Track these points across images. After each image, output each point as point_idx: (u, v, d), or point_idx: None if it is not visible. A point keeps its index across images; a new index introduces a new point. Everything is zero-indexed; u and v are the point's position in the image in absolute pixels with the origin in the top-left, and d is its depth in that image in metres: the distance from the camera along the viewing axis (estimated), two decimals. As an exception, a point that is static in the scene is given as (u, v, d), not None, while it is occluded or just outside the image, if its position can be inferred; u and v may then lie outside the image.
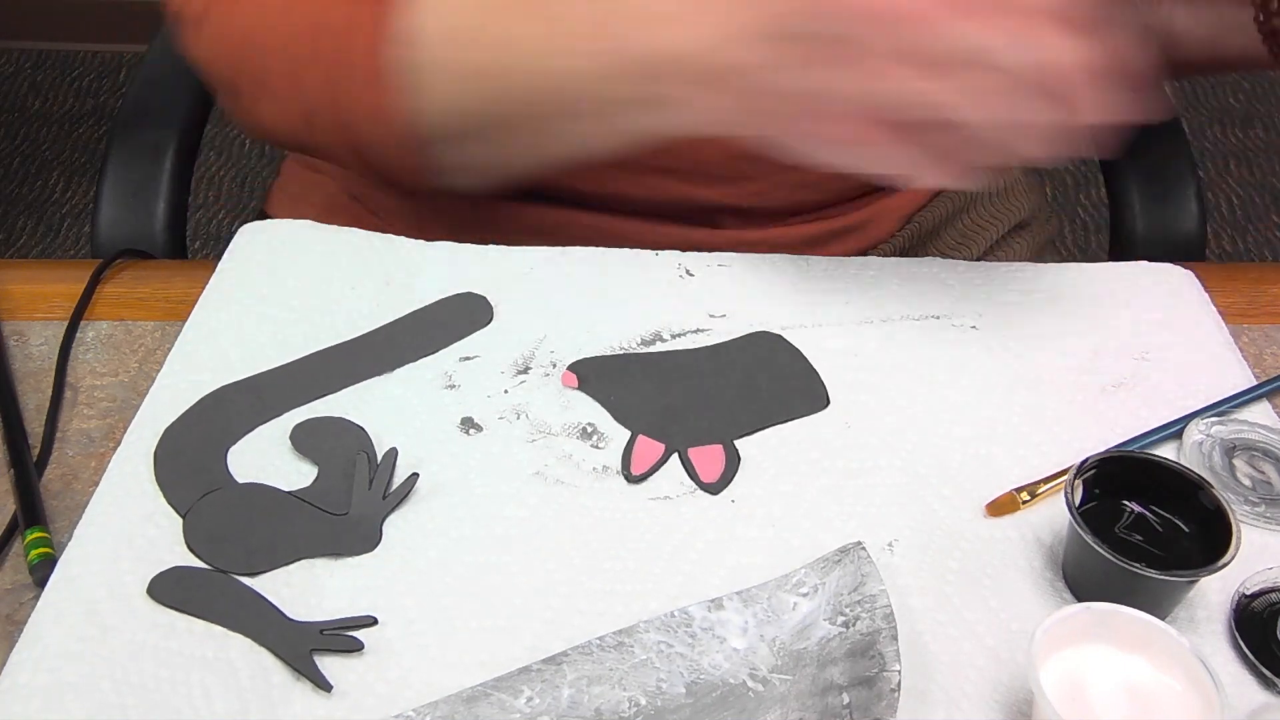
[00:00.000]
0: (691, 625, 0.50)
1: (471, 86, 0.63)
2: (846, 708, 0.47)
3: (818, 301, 0.67)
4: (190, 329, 0.64)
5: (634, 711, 0.48)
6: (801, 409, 0.61)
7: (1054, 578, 0.54)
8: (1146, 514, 0.53)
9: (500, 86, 0.62)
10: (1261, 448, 0.60)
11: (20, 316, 0.67)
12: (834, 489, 0.57)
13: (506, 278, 0.68)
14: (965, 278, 0.69)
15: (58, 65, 2.43)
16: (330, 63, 0.62)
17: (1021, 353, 0.65)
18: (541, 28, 0.60)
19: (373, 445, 0.58)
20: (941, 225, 0.85)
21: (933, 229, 0.84)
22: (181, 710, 0.47)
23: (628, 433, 0.60)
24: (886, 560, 0.54)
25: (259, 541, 0.54)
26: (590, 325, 0.65)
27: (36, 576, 0.53)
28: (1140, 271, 0.70)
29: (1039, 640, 0.46)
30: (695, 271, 0.69)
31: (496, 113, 0.63)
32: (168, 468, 0.56)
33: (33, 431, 0.60)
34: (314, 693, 0.48)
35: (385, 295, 0.66)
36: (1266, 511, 0.57)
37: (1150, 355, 0.65)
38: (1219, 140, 2.29)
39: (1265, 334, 0.68)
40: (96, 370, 0.64)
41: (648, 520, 0.56)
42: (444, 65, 0.62)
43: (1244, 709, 0.49)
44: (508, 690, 0.48)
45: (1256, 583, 0.53)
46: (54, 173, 2.17)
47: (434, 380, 0.62)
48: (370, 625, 0.51)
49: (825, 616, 0.50)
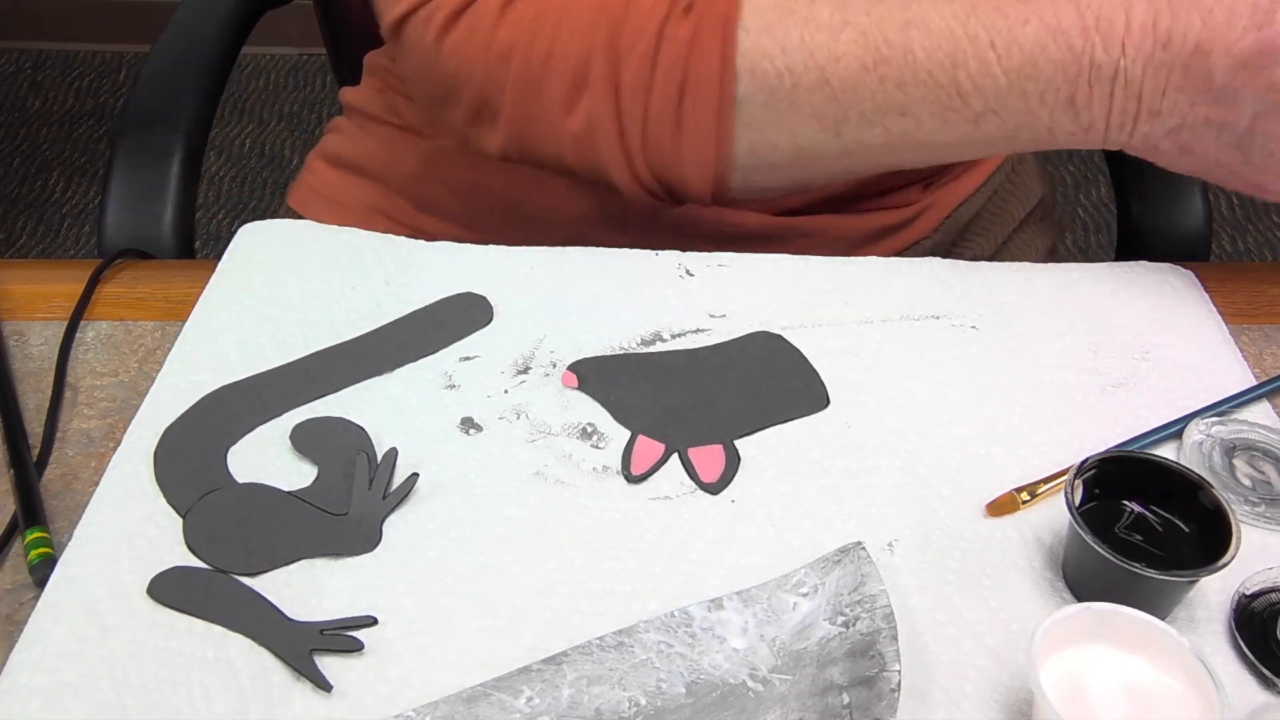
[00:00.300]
0: (691, 625, 0.50)
1: (802, 128, 0.62)
2: (846, 708, 0.47)
3: (818, 301, 0.67)
4: (190, 329, 0.64)
5: (634, 711, 0.48)
6: (801, 409, 0.61)
7: (1054, 578, 0.54)
8: (1146, 514, 0.53)
9: (831, 132, 0.61)
10: (1261, 448, 0.60)
11: (20, 316, 0.67)
12: (834, 489, 0.57)
13: (506, 278, 0.68)
14: (965, 278, 0.69)
15: (58, 65, 2.43)
16: (672, 81, 0.61)
17: (1021, 353, 0.65)
18: (890, 93, 0.60)
19: (373, 445, 0.58)
20: (974, 216, 0.85)
21: (968, 221, 0.85)
22: (181, 710, 0.47)
23: (628, 433, 0.60)
24: (886, 560, 0.54)
25: (259, 541, 0.54)
26: (590, 325, 0.65)
27: (36, 576, 0.53)
28: (1140, 271, 0.70)
29: (1039, 640, 0.45)
30: (695, 271, 0.69)
31: (818, 148, 0.63)
32: (168, 468, 0.56)
33: (33, 431, 0.60)
34: (314, 693, 0.48)
35: (385, 295, 0.66)
36: (1266, 511, 0.57)
37: (1150, 355, 0.65)
38: (1219, 140, 2.29)
39: (1265, 334, 0.68)
40: (96, 370, 0.64)
41: (648, 520, 0.56)
42: (777, 103, 0.61)
43: (1244, 709, 0.49)
44: (508, 690, 0.48)
45: (1256, 583, 0.53)
46: (54, 173, 2.17)
47: (434, 380, 0.62)
48: (370, 625, 0.51)
49: (825, 616, 0.50)
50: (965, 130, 0.60)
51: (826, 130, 0.62)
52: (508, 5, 0.62)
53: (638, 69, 0.61)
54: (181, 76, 0.89)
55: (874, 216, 0.78)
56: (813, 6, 0.61)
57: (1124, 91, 0.57)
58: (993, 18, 0.58)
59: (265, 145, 2.23)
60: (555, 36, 0.61)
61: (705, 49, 0.60)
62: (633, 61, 0.61)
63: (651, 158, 0.63)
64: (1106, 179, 2.16)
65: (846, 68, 0.60)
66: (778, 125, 0.62)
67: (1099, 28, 0.56)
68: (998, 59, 0.58)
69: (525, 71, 0.62)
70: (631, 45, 0.60)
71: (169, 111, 0.87)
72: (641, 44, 0.60)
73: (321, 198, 0.86)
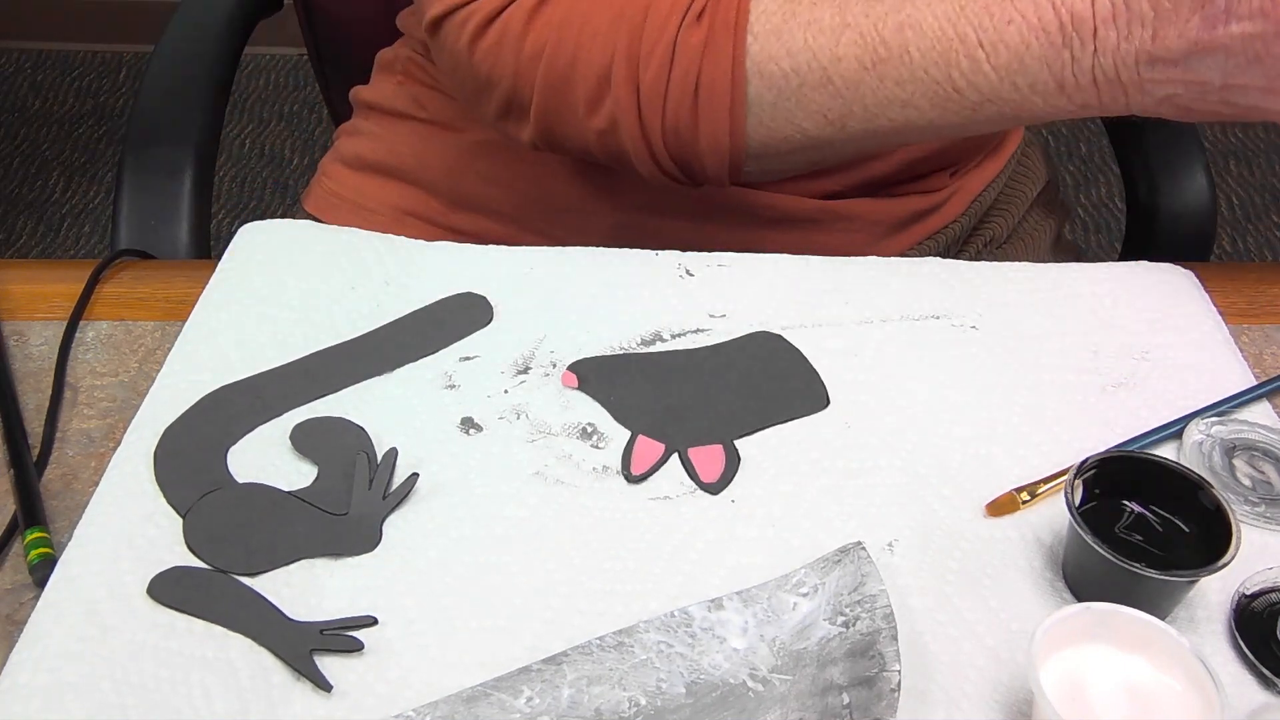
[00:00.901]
0: (691, 625, 0.50)
1: (809, 122, 0.65)
2: (846, 708, 0.47)
3: (818, 301, 0.67)
4: (190, 329, 0.64)
5: (634, 711, 0.48)
6: (801, 409, 0.61)
7: (1054, 578, 0.54)
8: (1146, 514, 0.53)
9: (837, 126, 0.65)
10: (1261, 448, 0.60)
11: (20, 316, 0.67)
12: (834, 489, 0.57)
13: (506, 278, 0.68)
14: (965, 278, 0.69)
15: (58, 65, 2.43)
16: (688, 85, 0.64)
17: (1021, 353, 0.65)
18: (890, 90, 0.63)
19: (373, 445, 0.58)
20: (992, 202, 0.88)
21: (988, 206, 0.87)
22: (181, 710, 0.47)
23: (628, 433, 0.60)
24: (886, 560, 0.54)
25: (259, 541, 0.54)
26: (590, 325, 0.65)
27: (36, 576, 0.53)
28: (1140, 271, 0.70)
29: (1039, 640, 0.45)
30: (695, 271, 0.69)
31: (828, 139, 0.66)
32: (168, 468, 0.56)
33: (33, 431, 0.60)
34: (314, 693, 0.48)
35: (385, 295, 0.66)
36: (1266, 511, 0.57)
37: (1150, 355, 0.65)
38: (1219, 140, 2.29)
39: (1265, 334, 0.68)
40: (96, 370, 0.64)
41: (648, 520, 0.56)
42: (785, 101, 0.65)
43: (1244, 709, 0.49)
44: (508, 690, 0.48)
45: (1256, 583, 0.53)
46: (54, 173, 2.17)
47: (434, 380, 0.62)
48: (370, 625, 0.51)
49: (825, 616, 0.50)
50: (967, 116, 0.64)
51: (833, 125, 0.65)
52: (536, 12, 0.66)
53: (655, 74, 0.64)
54: (186, 87, 0.88)
55: (908, 201, 0.80)
56: (815, 9, 0.64)
57: (1104, 78, 0.60)
58: (981, 17, 0.61)
59: (265, 145, 2.23)
60: (579, 43, 0.65)
61: (718, 54, 0.64)
62: (651, 66, 0.64)
63: (672, 150, 0.66)
64: (1107, 178, 2.16)
65: (848, 68, 0.63)
66: (787, 121, 0.65)
67: (1073, 23, 0.60)
68: (986, 58, 0.61)
69: (552, 75, 0.66)
70: (650, 52, 0.64)
71: (177, 126, 0.86)
72: (659, 51, 0.64)
73: (345, 202, 0.85)
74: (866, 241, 0.79)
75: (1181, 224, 0.91)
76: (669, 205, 0.77)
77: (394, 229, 0.71)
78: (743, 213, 0.77)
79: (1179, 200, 0.92)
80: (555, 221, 0.79)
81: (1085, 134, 2.25)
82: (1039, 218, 0.92)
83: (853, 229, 0.79)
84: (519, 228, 0.79)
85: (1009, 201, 0.89)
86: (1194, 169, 0.93)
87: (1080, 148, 2.23)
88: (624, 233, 0.77)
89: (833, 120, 0.65)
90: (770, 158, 0.68)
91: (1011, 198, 0.90)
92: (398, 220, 0.82)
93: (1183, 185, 0.92)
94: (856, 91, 0.63)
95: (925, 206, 0.81)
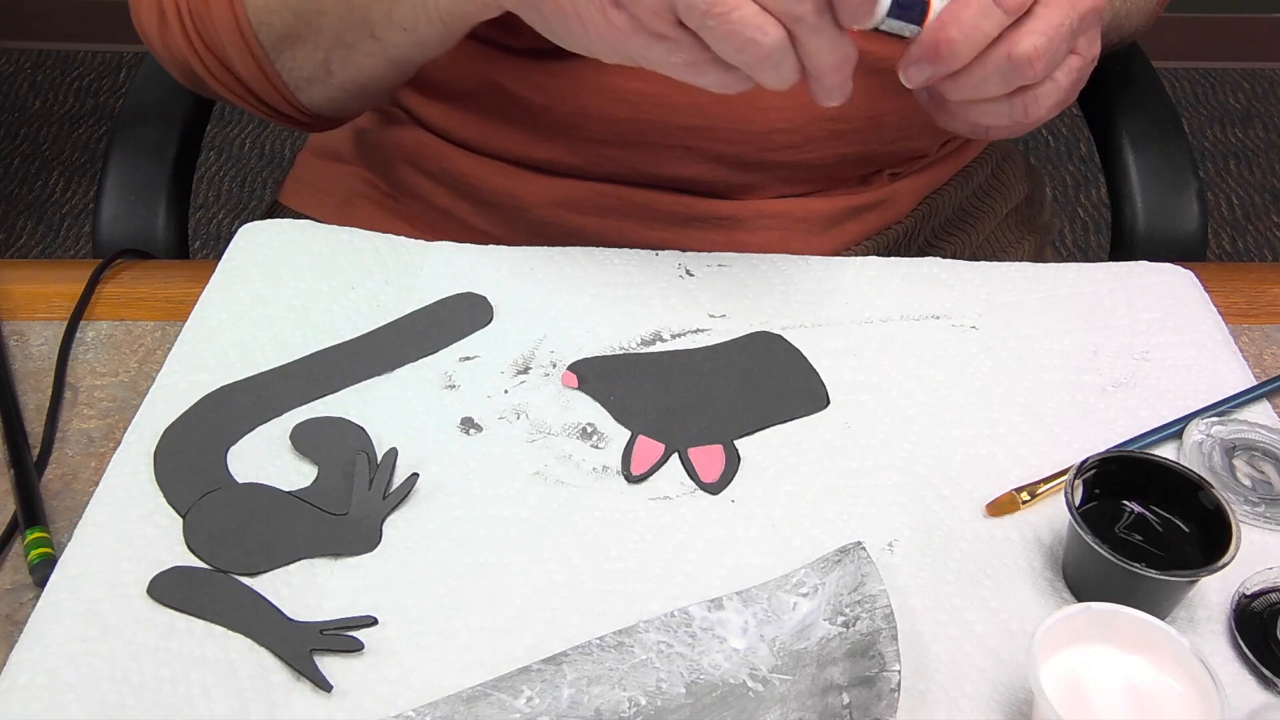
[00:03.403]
0: (691, 625, 0.50)
1: None
2: (846, 708, 0.47)
3: (818, 301, 0.67)
4: (190, 329, 0.64)
5: (634, 711, 0.48)
6: (801, 409, 0.61)
7: (1054, 578, 0.54)
8: (1146, 514, 0.53)
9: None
10: (1261, 448, 0.60)
11: (20, 316, 0.67)
12: (834, 489, 0.57)
13: (506, 278, 0.68)
14: (965, 278, 0.69)
15: (58, 65, 2.43)
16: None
17: (1021, 353, 0.65)
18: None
19: (373, 445, 0.58)
20: (951, 208, 0.86)
21: (943, 211, 0.85)
22: (181, 710, 0.47)
23: (628, 433, 0.60)
24: (886, 560, 0.54)
25: (259, 541, 0.54)
26: (590, 325, 0.65)
27: (36, 576, 0.53)
28: (1140, 271, 0.70)
29: (1039, 640, 0.46)
30: (695, 271, 0.69)
31: (313, 9, 0.67)
32: (168, 468, 0.56)
33: (33, 431, 0.60)
34: (314, 693, 0.48)
35: (385, 295, 0.66)
36: (1266, 511, 0.57)
37: (1150, 355, 0.65)
38: (1219, 140, 2.29)
39: (1265, 334, 0.68)
40: (96, 370, 0.64)
41: (648, 520, 0.56)
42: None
43: (1244, 709, 0.49)
44: (508, 690, 0.48)
45: (1256, 583, 0.53)
46: (54, 173, 2.17)
47: (434, 380, 0.62)
48: (370, 625, 0.51)
49: (825, 616, 0.50)
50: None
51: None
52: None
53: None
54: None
55: (835, 198, 0.79)
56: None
57: None
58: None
59: (265, 145, 2.23)
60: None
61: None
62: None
63: (200, 28, 0.71)
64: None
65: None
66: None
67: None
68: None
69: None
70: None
71: (163, 108, 0.87)
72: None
73: (308, 187, 0.88)
74: (796, 238, 0.77)
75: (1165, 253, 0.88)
76: (592, 206, 0.76)
77: (347, 207, 0.73)
78: (656, 212, 0.76)
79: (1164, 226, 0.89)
80: (481, 216, 0.79)
81: (1085, 134, 2.25)
82: (1014, 235, 0.89)
83: (776, 226, 0.77)
84: (448, 220, 0.80)
85: (975, 216, 0.87)
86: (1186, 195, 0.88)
87: (1080, 148, 2.23)
88: (545, 229, 0.77)
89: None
90: (280, 45, 0.70)
91: (979, 212, 0.88)
92: (349, 201, 0.84)
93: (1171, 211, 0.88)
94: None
95: (859, 204, 0.80)
